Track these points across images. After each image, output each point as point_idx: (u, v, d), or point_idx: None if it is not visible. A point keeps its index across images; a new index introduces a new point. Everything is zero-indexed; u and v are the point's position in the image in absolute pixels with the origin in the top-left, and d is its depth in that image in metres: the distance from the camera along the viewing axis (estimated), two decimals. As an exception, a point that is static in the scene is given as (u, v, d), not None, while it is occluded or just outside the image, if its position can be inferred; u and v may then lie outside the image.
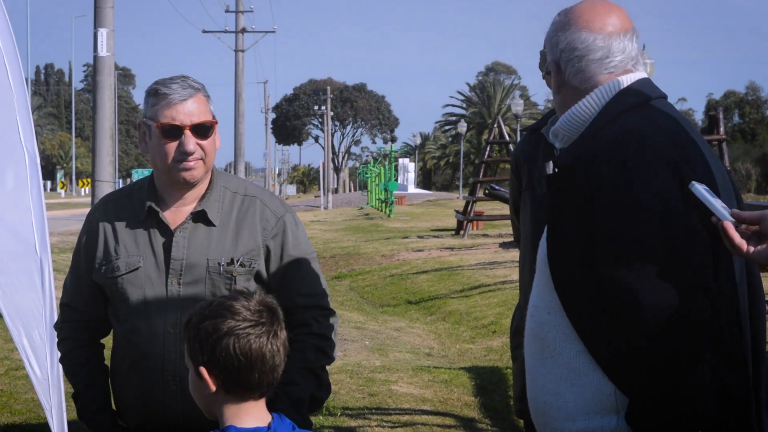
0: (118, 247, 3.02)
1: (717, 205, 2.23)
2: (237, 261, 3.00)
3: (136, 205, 3.05)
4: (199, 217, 3.02)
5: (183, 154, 2.95)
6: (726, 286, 2.34)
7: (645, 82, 2.54)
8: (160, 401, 2.97)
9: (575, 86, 2.55)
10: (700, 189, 2.25)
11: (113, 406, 3.12)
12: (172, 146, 2.95)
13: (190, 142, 2.95)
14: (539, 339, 2.49)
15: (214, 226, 3.03)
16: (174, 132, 2.94)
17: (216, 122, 3.02)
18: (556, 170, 2.44)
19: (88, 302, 3.11)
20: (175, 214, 3.03)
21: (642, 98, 2.48)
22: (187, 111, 2.95)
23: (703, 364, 2.30)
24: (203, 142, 2.98)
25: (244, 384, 2.34)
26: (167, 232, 3.01)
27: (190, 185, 3.01)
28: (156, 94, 2.97)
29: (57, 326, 3.23)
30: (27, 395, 7.46)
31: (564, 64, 2.55)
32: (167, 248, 2.99)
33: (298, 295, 3.05)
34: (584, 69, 2.52)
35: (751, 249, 2.19)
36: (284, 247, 3.07)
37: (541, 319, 2.49)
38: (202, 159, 2.98)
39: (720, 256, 2.32)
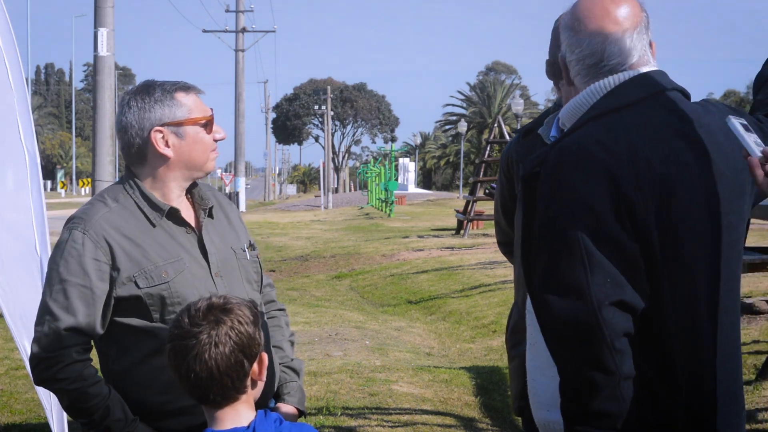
0: (148, 254, 2.91)
1: (749, 140, 2.26)
2: (251, 246, 3.12)
3: (138, 210, 2.96)
4: (209, 211, 3.06)
5: (215, 143, 3.00)
6: (671, 302, 2.33)
7: (639, 80, 2.48)
8: None
9: (577, 86, 2.56)
10: (735, 123, 2.30)
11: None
12: (209, 138, 2.99)
13: (221, 128, 3.02)
14: (527, 328, 2.64)
15: (213, 218, 3.07)
16: (209, 123, 2.98)
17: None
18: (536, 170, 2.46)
19: (98, 322, 2.90)
20: (183, 211, 3.02)
21: (623, 101, 2.43)
22: (203, 101, 3.01)
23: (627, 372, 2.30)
24: None
25: (195, 396, 2.40)
26: (189, 230, 3.00)
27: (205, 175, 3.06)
28: (177, 92, 2.95)
29: (53, 354, 2.86)
30: (27, 395, 7.47)
31: (567, 63, 2.57)
32: (200, 245, 2.99)
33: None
34: (581, 72, 2.52)
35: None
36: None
37: (528, 309, 2.60)
38: None
39: (657, 272, 2.32)
